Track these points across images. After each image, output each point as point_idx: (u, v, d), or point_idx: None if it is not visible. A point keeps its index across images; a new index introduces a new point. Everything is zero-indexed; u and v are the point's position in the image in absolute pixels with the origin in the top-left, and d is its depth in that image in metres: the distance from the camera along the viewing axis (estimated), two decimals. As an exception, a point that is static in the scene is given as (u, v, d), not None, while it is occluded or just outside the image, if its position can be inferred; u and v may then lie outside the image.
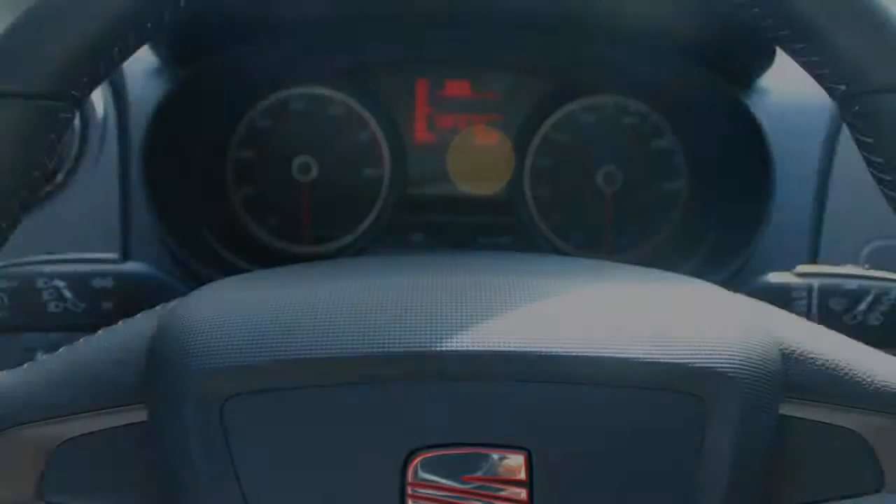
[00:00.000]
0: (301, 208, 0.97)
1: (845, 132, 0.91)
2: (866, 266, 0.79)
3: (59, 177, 0.87)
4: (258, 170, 0.96)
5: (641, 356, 0.40)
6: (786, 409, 0.43)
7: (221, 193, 0.96)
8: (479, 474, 0.40)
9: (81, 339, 0.46)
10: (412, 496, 0.39)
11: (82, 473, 0.43)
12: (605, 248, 0.97)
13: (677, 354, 0.41)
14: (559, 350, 0.40)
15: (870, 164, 0.43)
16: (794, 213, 0.89)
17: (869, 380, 0.43)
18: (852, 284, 0.74)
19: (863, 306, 0.74)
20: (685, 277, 0.49)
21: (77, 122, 0.88)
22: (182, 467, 0.40)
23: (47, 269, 0.75)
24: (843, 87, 0.42)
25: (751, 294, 0.50)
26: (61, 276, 0.74)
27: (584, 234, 0.98)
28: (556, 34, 0.93)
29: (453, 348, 0.40)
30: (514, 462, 0.40)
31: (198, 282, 0.84)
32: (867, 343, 0.46)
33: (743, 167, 0.91)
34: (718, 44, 0.89)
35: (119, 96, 0.90)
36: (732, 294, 0.47)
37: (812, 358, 0.44)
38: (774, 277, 0.76)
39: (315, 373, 0.40)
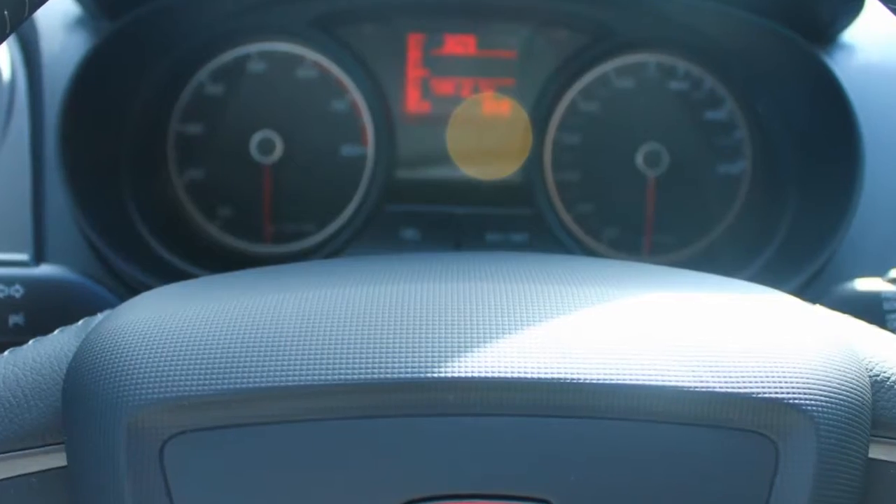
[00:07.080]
0: (262, 197, 0.97)
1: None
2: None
3: (-45, 157, 0.87)
4: (207, 148, 0.96)
5: (694, 386, 0.40)
6: (876, 452, 0.43)
7: (161, 178, 0.96)
8: (487, 533, 0.40)
9: (-18, 363, 0.46)
10: (402, 562, 0.39)
11: None
12: (645, 248, 0.98)
13: (739, 383, 0.41)
14: (589, 377, 0.40)
15: None
16: (886, 202, 0.89)
17: None
18: (960, 293, 0.74)
19: (973, 321, 0.74)
20: (749, 285, 0.49)
21: (-23, 87, 0.88)
22: (110, 525, 0.40)
23: (-61, 273, 0.75)
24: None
25: (832, 306, 0.50)
26: (-43, 282, 0.74)
27: (619, 229, 0.98)
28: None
29: (455, 375, 0.40)
30: (533, 517, 0.40)
31: (130, 290, 0.85)
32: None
33: (822, 144, 0.91)
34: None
35: (30, 55, 0.90)
36: (808, 306, 0.47)
37: (910, 387, 0.44)
38: (862, 284, 0.76)
39: (279, 406, 0.40)
